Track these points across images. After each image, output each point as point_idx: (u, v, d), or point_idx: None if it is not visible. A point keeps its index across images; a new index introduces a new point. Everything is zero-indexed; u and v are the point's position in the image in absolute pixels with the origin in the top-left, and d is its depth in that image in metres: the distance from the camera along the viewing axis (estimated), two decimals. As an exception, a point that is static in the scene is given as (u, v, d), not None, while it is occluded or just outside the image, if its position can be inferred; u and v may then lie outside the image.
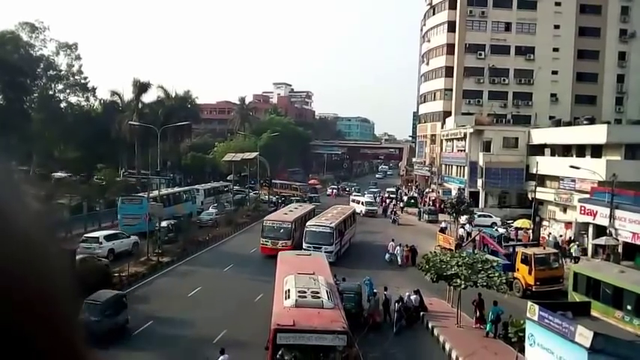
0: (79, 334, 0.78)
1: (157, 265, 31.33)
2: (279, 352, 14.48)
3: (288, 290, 16.92)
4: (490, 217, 49.63)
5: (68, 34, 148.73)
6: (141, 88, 72.19)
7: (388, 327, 22.38)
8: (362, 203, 59.11)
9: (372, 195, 70.29)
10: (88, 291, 23.26)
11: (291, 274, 18.65)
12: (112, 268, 28.13)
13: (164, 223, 38.35)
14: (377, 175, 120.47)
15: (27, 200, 0.76)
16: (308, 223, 35.30)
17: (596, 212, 36.11)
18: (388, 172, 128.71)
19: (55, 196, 53.13)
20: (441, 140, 69.51)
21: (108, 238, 32.61)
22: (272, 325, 14.83)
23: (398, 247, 34.99)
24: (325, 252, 29.74)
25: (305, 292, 16.53)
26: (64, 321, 0.74)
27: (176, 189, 57.10)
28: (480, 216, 49.39)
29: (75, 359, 0.74)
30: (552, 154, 50.17)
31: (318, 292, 16.70)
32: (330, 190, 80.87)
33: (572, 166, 38.94)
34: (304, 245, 32.78)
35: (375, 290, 23.62)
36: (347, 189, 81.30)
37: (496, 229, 41.47)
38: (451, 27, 72.06)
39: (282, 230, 35.31)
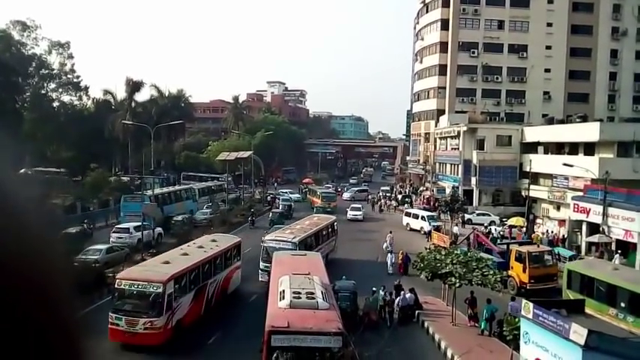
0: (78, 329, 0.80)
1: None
2: (274, 355, 14.28)
3: (283, 291, 16.71)
4: (488, 215, 49.77)
5: (60, 32, 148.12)
6: (134, 87, 72.03)
7: (384, 326, 22.42)
8: (422, 218, 46.94)
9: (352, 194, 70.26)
10: (83, 292, 23.26)
11: (286, 274, 18.45)
12: (106, 269, 28.11)
13: (179, 217, 44.19)
14: (351, 181, 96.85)
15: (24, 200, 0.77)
16: (265, 238, 29.54)
17: (590, 210, 36.28)
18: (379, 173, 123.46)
19: (49, 196, 53.05)
20: (435, 139, 69.66)
21: (137, 228, 34.78)
22: (266, 326, 14.62)
23: (389, 255, 32.57)
24: None
25: (300, 293, 16.35)
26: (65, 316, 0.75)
27: (177, 187, 57.21)
28: (478, 215, 49.57)
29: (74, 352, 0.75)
30: (545, 152, 50.38)
31: (313, 293, 16.50)
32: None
33: (565, 164, 39.11)
34: (261, 265, 27.37)
35: (373, 289, 23.56)
36: (339, 189, 78.96)
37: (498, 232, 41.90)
38: (444, 25, 72.19)
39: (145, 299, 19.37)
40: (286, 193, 68.42)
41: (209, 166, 79.31)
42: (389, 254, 32.51)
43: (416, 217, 47.74)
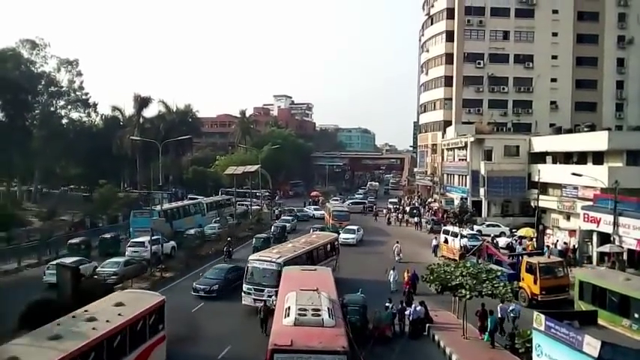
0: None
1: (160, 281, 31.32)
2: None
3: (289, 308, 16.40)
4: (498, 226, 49.48)
5: (69, 49, 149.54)
6: (142, 102, 72.66)
7: (395, 339, 22.24)
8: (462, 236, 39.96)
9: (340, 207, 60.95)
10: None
11: (294, 290, 18.18)
12: (115, 284, 28.23)
13: (191, 231, 45.20)
14: (357, 194, 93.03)
15: None
16: (250, 257, 27.63)
17: (600, 219, 35.94)
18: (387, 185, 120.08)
19: (58, 213, 53.45)
20: (442, 150, 69.55)
21: (152, 242, 34.76)
22: (269, 344, 14.35)
23: (392, 272, 30.42)
24: (268, 296, 24.00)
25: (305, 310, 16.00)
26: None
27: (185, 202, 57.58)
28: (487, 226, 49.28)
29: None
30: (554, 162, 50.10)
31: (319, 310, 16.11)
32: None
33: (574, 174, 38.84)
34: (244, 287, 25.81)
35: (386, 304, 23.43)
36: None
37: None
38: (449, 37, 72.42)
39: None
40: (294, 209, 66.21)
41: (217, 180, 79.58)
42: (391, 271, 30.55)
43: (455, 235, 40.33)
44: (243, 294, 25.78)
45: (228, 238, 41.45)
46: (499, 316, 22.22)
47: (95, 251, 39.09)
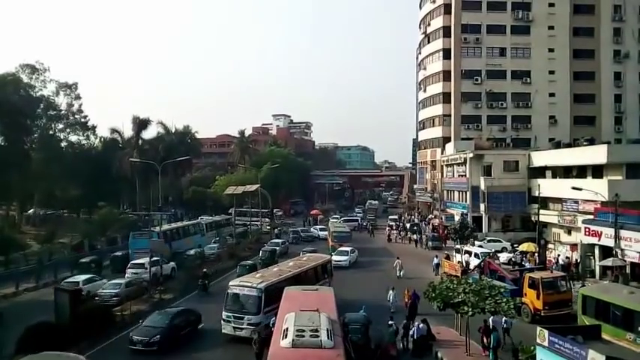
0: None
1: (159, 303, 30.99)
2: None
3: (287, 329, 16.11)
4: (500, 241, 49.28)
5: (68, 73, 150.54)
6: (140, 124, 72.79)
7: (400, 357, 21.96)
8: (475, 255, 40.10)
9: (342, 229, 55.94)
10: (90, 331, 23.08)
11: (294, 310, 17.88)
12: (113, 308, 28.05)
13: (191, 252, 44.85)
14: (356, 210, 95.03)
15: None
16: (230, 283, 25.66)
17: (601, 233, 35.81)
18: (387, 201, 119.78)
19: (57, 235, 53.28)
20: (442, 166, 69.60)
21: (152, 264, 34.62)
22: None
23: (391, 292, 29.13)
24: (248, 325, 23.30)
25: (303, 331, 15.69)
26: None
27: (185, 222, 57.47)
28: (488, 241, 49.08)
29: None
30: (554, 176, 50.09)
31: (317, 331, 15.79)
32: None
33: (574, 188, 38.76)
34: (223, 315, 24.23)
35: (389, 322, 23.17)
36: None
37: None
38: (446, 54, 73.02)
39: None
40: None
41: (216, 200, 79.46)
42: (390, 291, 29.17)
43: (477, 256, 39.40)
44: (222, 322, 24.18)
45: (204, 270, 36.44)
46: (490, 325, 21.98)
47: (106, 270, 40.20)
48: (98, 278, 35.07)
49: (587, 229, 37.83)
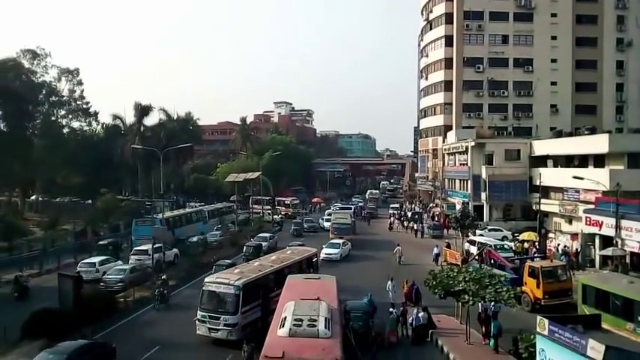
0: None
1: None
2: None
3: (285, 318, 16.10)
4: (500, 230, 49.38)
5: (70, 58, 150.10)
6: (142, 111, 72.70)
7: (398, 345, 22.17)
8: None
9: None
10: (94, 317, 23.34)
11: (294, 299, 17.91)
12: (117, 295, 28.35)
13: (194, 239, 45.20)
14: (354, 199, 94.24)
15: None
16: (206, 280, 23.50)
17: (602, 223, 35.86)
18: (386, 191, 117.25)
19: (59, 222, 53.50)
20: (443, 154, 69.56)
21: (155, 250, 34.68)
22: (260, 356, 14.20)
23: (390, 283, 28.34)
24: (224, 326, 21.56)
25: (301, 320, 15.68)
26: None
27: (187, 210, 57.65)
28: (489, 230, 49.17)
29: None
30: (555, 165, 50.02)
31: (315, 320, 15.76)
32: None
33: (575, 177, 38.78)
34: (198, 314, 22.40)
35: (391, 310, 23.35)
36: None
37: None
38: (448, 41, 72.63)
39: None
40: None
41: (218, 187, 79.61)
42: (389, 282, 28.43)
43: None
44: (197, 322, 22.35)
45: (162, 277, 29.85)
46: (479, 311, 22.60)
47: (125, 252, 41.08)
48: (113, 260, 36.63)
49: (588, 219, 37.88)
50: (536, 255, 36.09)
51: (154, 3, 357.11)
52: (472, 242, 41.09)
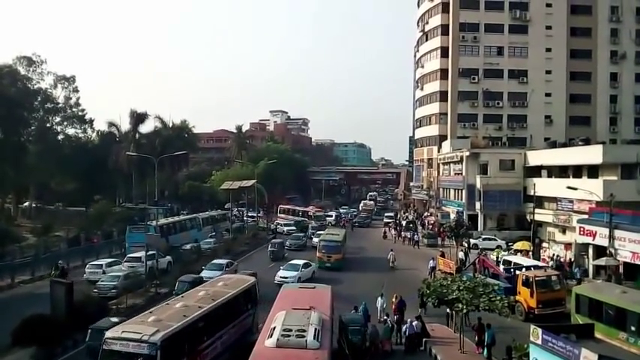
0: None
1: (155, 297, 31.04)
2: None
3: (274, 328, 15.67)
4: (495, 240, 49.50)
5: (66, 66, 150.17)
6: (138, 118, 72.58)
7: (393, 354, 22.09)
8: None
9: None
10: (86, 323, 23.15)
11: (285, 309, 17.55)
12: (108, 301, 28.14)
13: (187, 246, 45.53)
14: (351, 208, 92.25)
15: None
16: (107, 335, 15.46)
17: (596, 232, 36.00)
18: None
19: (53, 229, 53.18)
20: (438, 164, 69.80)
21: (148, 258, 34.84)
22: None
23: (380, 299, 26.90)
24: None
25: (290, 331, 15.24)
26: None
27: (181, 217, 57.41)
28: (483, 239, 49.29)
29: None
30: (549, 176, 50.28)
31: (305, 330, 15.29)
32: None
33: (569, 187, 38.94)
34: None
35: (384, 318, 23.21)
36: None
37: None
38: (444, 52, 73.12)
39: None
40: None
41: (213, 195, 79.45)
42: (379, 298, 27.00)
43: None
44: None
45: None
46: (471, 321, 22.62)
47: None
48: (119, 262, 37.77)
49: (581, 229, 38.01)
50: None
51: (151, 11, 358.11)
52: (475, 246, 41.24)
